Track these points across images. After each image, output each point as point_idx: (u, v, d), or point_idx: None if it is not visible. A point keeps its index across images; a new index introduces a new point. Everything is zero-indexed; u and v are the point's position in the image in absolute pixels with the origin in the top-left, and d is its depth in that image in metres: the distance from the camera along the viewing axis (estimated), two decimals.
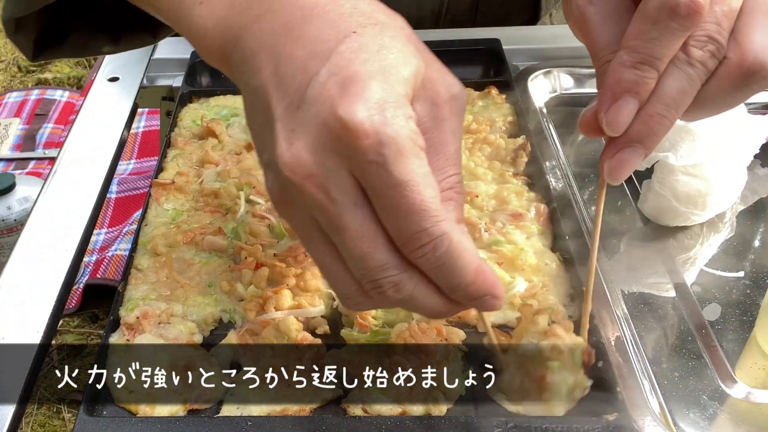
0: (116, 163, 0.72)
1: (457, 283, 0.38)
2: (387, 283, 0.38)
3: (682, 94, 0.41)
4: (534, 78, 0.82)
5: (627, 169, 0.42)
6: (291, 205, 0.39)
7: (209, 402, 0.49)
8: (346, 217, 0.37)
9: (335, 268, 0.40)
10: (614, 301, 0.55)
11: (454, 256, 0.37)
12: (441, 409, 0.48)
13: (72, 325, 1.38)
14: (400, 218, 0.36)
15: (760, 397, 0.50)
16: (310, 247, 0.40)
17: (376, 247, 0.37)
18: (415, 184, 0.36)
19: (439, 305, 0.40)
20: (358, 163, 0.36)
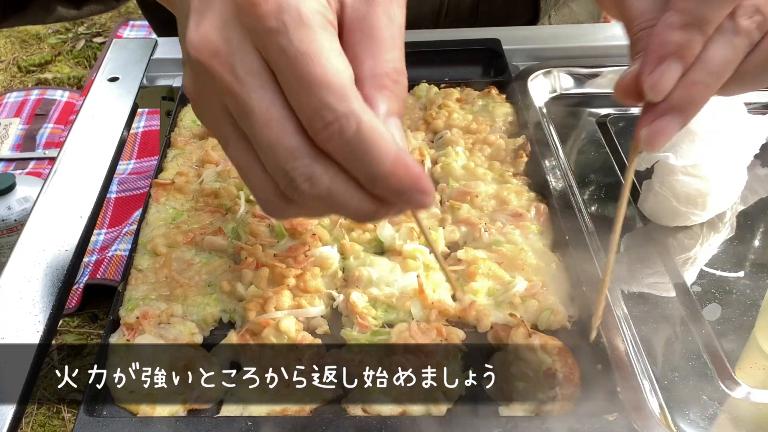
0: (116, 163, 0.72)
1: (374, 173, 0.35)
2: (299, 176, 0.36)
3: (725, 62, 0.40)
4: (534, 78, 0.82)
5: (665, 137, 0.41)
6: (204, 98, 0.38)
7: (209, 402, 0.49)
8: (253, 98, 0.35)
9: (252, 167, 0.38)
10: (614, 301, 0.55)
11: (366, 140, 0.34)
12: (441, 409, 0.48)
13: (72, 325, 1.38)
14: (302, 93, 0.34)
15: (760, 397, 0.50)
16: (228, 147, 0.39)
17: (284, 133, 0.36)
18: (318, 55, 0.34)
19: (364, 203, 0.37)
20: (259, 33, 0.35)
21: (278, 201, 0.38)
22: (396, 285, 0.56)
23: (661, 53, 0.40)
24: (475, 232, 0.60)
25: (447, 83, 0.80)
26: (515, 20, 1.00)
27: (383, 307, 0.55)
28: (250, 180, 0.39)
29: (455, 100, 0.77)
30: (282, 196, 0.38)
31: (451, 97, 0.77)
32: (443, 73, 0.82)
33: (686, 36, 0.39)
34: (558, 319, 0.53)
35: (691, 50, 0.39)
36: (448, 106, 0.75)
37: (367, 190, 0.37)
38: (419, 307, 0.54)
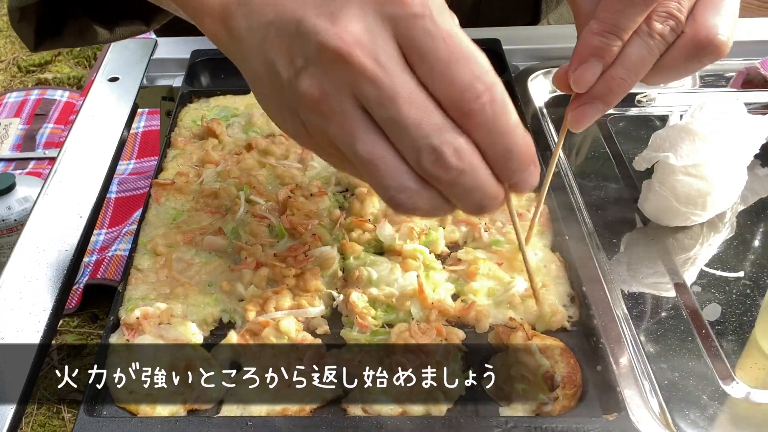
0: (116, 163, 0.72)
1: (511, 145, 0.38)
2: (448, 148, 0.38)
3: (642, 61, 0.47)
4: (534, 78, 0.82)
5: (587, 120, 0.49)
6: (334, 97, 0.39)
7: (209, 402, 0.49)
8: (397, 81, 0.37)
9: (387, 157, 0.39)
10: (614, 301, 0.55)
11: (509, 109, 0.38)
12: (441, 409, 0.48)
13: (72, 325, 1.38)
14: (451, 69, 0.37)
15: (760, 397, 0.50)
16: (357, 142, 0.39)
17: (431, 111, 0.38)
18: (462, 35, 0.38)
19: (493, 185, 0.39)
20: (404, 20, 0.37)
21: (414, 186, 0.39)
22: (396, 285, 0.56)
23: (583, 54, 0.47)
24: (475, 231, 0.61)
25: None
26: (516, 20, 1.00)
27: (383, 307, 0.55)
28: (383, 170, 0.39)
29: None
30: (419, 181, 0.39)
31: None
32: None
33: (605, 41, 0.46)
34: (557, 320, 0.53)
35: (610, 52, 0.47)
36: None
37: (496, 170, 0.39)
38: (419, 307, 0.54)
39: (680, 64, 0.48)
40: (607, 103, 0.48)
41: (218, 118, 0.75)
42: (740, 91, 0.82)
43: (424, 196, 0.40)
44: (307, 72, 0.39)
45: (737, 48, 0.84)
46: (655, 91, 0.81)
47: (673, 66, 0.48)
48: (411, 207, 0.41)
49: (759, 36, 0.87)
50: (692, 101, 0.67)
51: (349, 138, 0.39)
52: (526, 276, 0.56)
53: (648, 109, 0.81)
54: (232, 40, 0.44)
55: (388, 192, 0.40)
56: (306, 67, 0.39)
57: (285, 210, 0.62)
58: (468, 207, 0.41)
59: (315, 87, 0.39)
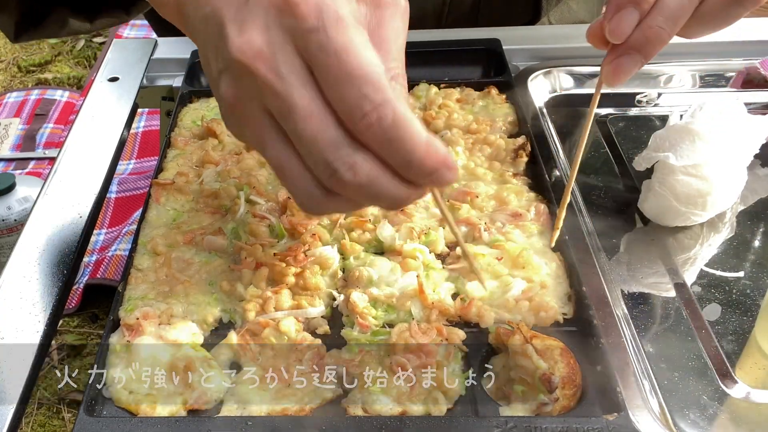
0: (116, 163, 0.72)
1: (409, 157, 0.38)
2: (342, 165, 0.38)
3: (680, 8, 0.45)
4: (534, 78, 0.82)
5: (625, 73, 0.47)
6: (245, 104, 0.40)
7: (209, 402, 0.49)
8: (295, 95, 0.38)
9: (292, 164, 0.40)
10: (614, 301, 0.55)
11: (401, 126, 0.37)
12: (441, 409, 0.48)
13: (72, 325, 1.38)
14: (341, 86, 0.37)
15: (760, 397, 0.50)
16: (266, 148, 0.41)
17: (326, 126, 0.38)
18: (355, 50, 0.37)
19: (399, 189, 0.39)
20: (300, 33, 0.37)
21: (319, 194, 0.40)
22: (396, 285, 0.56)
23: (619, 2, 0.46)
24: (475, 231, 0.60)
25: (447, 83, 0.80)
26: (516, 19, 1.00)
27: (383, 307, 0.55)
28: (289, 177, 0.41)
29: (455, 100, 0.77)
30: (323, 189, 0.40)
31: (451, 97, 0.77)
32: (443, 73, 0.82)
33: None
34: (549, 316, 0.53)
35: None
36: (448, 106, 0.75)
37: (401, 175, 0.39)
38: (419, 307, 0.54)
39: (720, 10, 0.46)
40: (645, 54, 0.46)
41: (218, 118, 0.75)
42: (740, 91, 0.82)
43: (330, 204, 0.41)
44: (224, 75, 0.41)
45: (737, 48, 0.85)
46: (655, 91, 0.81)
47: (713, 13, 0.46)
48: (318, 211, 0.42)
49: (759, 36, 0.87)
50: (692, 101, 0.68)
51: (260, 143, 0.41)
52: (526, 275, 0.56)
53: (648, 109, 0.81)
54: (186, 27, 0.46)
55: (296, 198, 0.42)
56: (223, 71, 0.41)
57: (285, 210, 0.62)
58: (381, 207, 0.42)
59: (231, 92, 0.41)
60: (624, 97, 0.81)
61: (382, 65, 0.38)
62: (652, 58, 0.46)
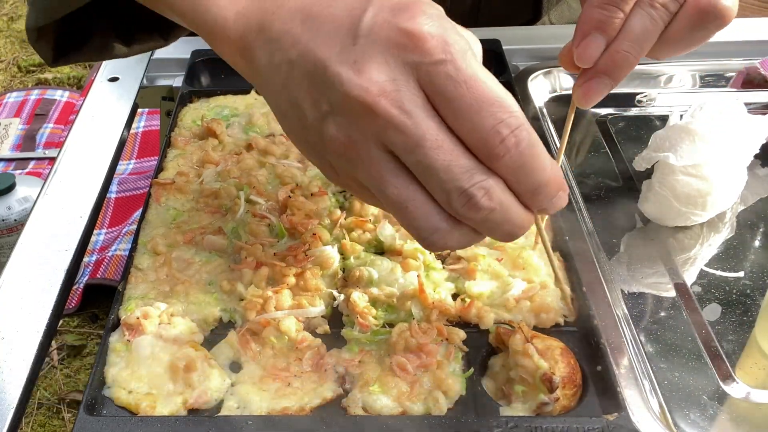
0: (116, 163, 0.72)
1: (539, 180, 0.39)
2: (478, 190, 0.38)
3: (645, 32, 0.46)
4: (534, 78, 0.82)
5: (594, 96, 0.48)
6: (361, 145, 0.39)
7: (209, 401, 0.49)
8: (423, 128, 0.38)
9: (418, 200, 0.39)
10: (614, 301, 0.55)
11: (535, 149, 0.38)
12: (441, 408, 0.48)
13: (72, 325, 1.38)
14: (474, 114, 0.37)
15: (760, 397, 0.50)
16: (386, 187, 0.40)
17: (458, 154, 0.38)
18: (485, 78, 0.38)
19: (523, 215, 0.40)
20: (426, 67, 0.38)
21: (445, 227, 0.40)
22: (396, 285, 0.56)
23: (585, 28, 0.46)
24: None
25: None
26: (516, 19, 1.00)
27: (384, 307, 0.55)
28: (414, 213, 0.40)
29: None
30: (449, 221, 0.40)
31: None
32: None
33: (606, 13, 0.45)
34: (551, 317, 0.53)
35: (612, 25, 0.46)
36: None
37: (524, 201, 0.40)
38: (420, 307, 0.54)
39: (686, 34, 0.46)
40: (613, 77, 0.47)
41: (218, 118, 0.75)
42: (740, 91, 0.82)
43: (455, 235, 0.41)
44: (332, 119, 0.40)
45: (737, 48, 0.85)
46: (655, 91, 0.81)
47: (678, 37, 0.46)
48: (443, 246, 0.42)
49: (759, 36, 0.87)
50: (692, 101, 0.68)
51: (378, 182, 0.40)
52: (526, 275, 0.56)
53: (648, 109, 0.81)
54: (253, 71, 0.44)
55: (420, 233, 0.41)
56: (331, 114, 0.40)
57: (285, 210, 0.62)
58: (498, 237, 0.41)
59: (341, 134, 0.39)
60: (624, 97, 0.81)
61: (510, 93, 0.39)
62: (622, 80, 0.47)
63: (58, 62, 0.62)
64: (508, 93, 0.38)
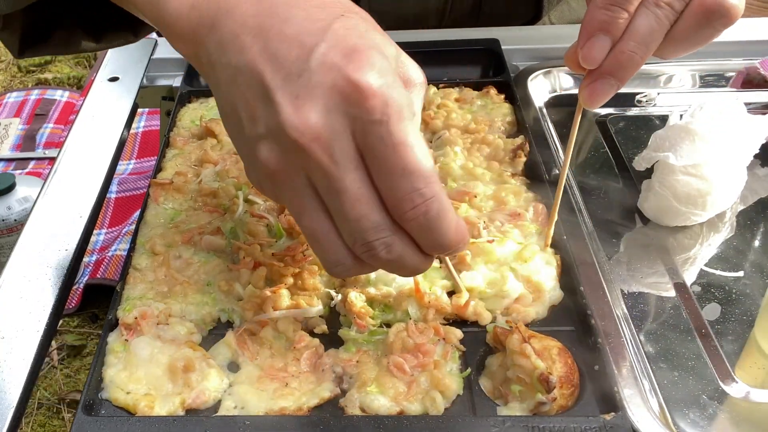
0: (116, 163, 0.72)
1: (440, 243, 0.42)
2: (380, 245, 0.41)
3: (651, 32, 0.45)
4: (534, 78, 0.82)
5: (600, 97, 0.48)
6: (288, 174, 0.41)
7: (207, 402, 0.49)
8: (347, 179, 0.39)
9: (328, 236, 0.42)
10: (614, 301, 0.55)
11: (442, 217, 0.40)
12: (438, 408, 0.48)
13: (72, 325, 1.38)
14: (395, 178, 0.39)
15: (759, 397, 0.50)
16: (303, 217, 0.42)
17: (371, 209, 0.40)
18: (412, 145, 0.39)
19: (419, 262, 0.43)
20: (362, 123, 0.39)
21: (349, 263, 0.43)
22: (393, 284, 0.56)
23: (589, 29, 0.46)
24: (474, 231, 0.60)
25: (446, 83, 0.80)
26: (517, 18, 1.00)
27: (381, 307, 0.55)
28: (322, 246, 0.43)
29: (454, 99, 0.77)
30: (353, 259, 0.43)
31: (449, 97, 0.77)
32: (442, 72, 0.82)
33: (610, 14, 0.45)
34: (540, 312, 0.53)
35: (617, 25, 0.45)
36: (447, 106, 0.75)
37: (425, 251, 0.43)
38: (416, 307, 0.54)
39: (692, 33, 0.46)
40: (619, 78, 0.47)
41: (217, 118, 0.75)
42: (740, 91, 0.82)
43: (356, 269, 0.44)
44: (266, 142, 0.41)
45: (737, 48, 0.85)
46: (655, 91, 0.81)
47: (684, 36, 0.46)
48: (345, 275, 0.46)
49: (759, 36, 0.87)
50: (692, 101, 0.67)
51: (297, 211, 0.43)
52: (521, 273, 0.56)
53: (648, 109, 0.81)
54: (202, 65, 0.45)
55: (325, 263, 0.44)
56: (266, 138, 0.41)
57: (283, 210, 0.62)
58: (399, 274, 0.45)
59: (272, 160, 0.41)
60: (624, 97, 0.81)
61: (431, 160, 0.40)
62: (628, 81, 0.47)
63: (24, 54, 0.63)
64: (431, 161, 0.40)
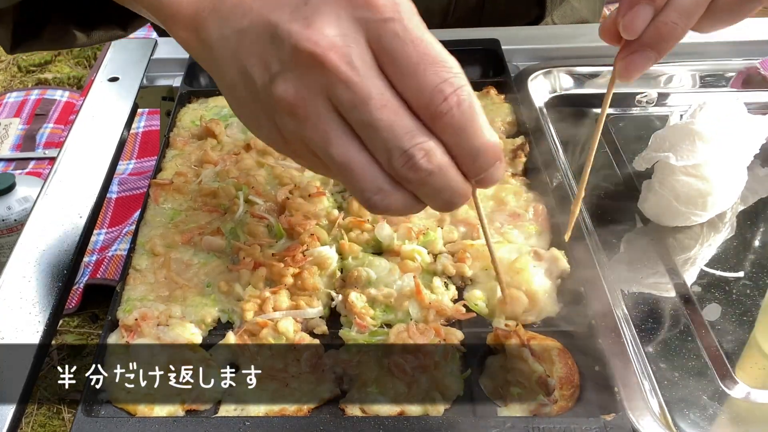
0: (116, 163, 0.72)
1: (478, 144, 0.39)
2: (419, 151, 0.39)
3: (695, 3, 0.44)
4: (534, 78, 0.82)
5: (638, 70, 0.46)
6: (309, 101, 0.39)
7: (207, 402, 0.49)
8: (370, 85, 0.38)
9: (360, 158, 0.40)
10: (614, 301, 0.55)
11: (476, 110, 0.39)
12: (439, 409, 0.48)
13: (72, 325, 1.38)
14: (420, 74, 0.38)
15: (760, 397, 0.50)
16: (331, 146, 0.40)
17: (401, 114, 0.39)
18: (431, 38, 0.38)
19: (461, 183, 0.40)
20: (375, 24, 0.38)
21: (388, 188, 0.40)
22: (394, 285, 0.56)
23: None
24: (474, 231, 0.60)
25: None
26: (521, 18, 1.00)
27: (381, 308, 0.55)
28: (357, 172, 0.40)
29: None
30: (391, 182, 0.40)
31: None
32: None
33: None
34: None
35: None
36: None
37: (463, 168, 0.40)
38: (417, 308, 0.54)
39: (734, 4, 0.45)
40: (659, 51, 0.46)
41: (217, 118, 0.75)
42: (740, 91, 0.82)
43: (396, 197, 0.41)
44: (282, 76, 0.40)
45: (737, 48, 0.85)
46: (655, 91, 0.81)
47: (727, 7, 0.45)
48: (384, 208, 0.42)
49: (759, 36, 0.87)
50: (692, 101, 0.67)
51: (324, 141, 0.40)
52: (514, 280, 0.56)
53: (648, 109, 0.81)
54: (204, 48, 0.44)
55: (363, 194, 0.41)
56: (281, 72, 0.40)
57: (283, 210, 0.62)
58: (437, 205, 0.42)
59: (290, 91, 0.40)
60: (624, 97, 0.81)
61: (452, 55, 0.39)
62: (666, 54, 0.46)
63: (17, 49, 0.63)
64: (452, 56, 0.39)
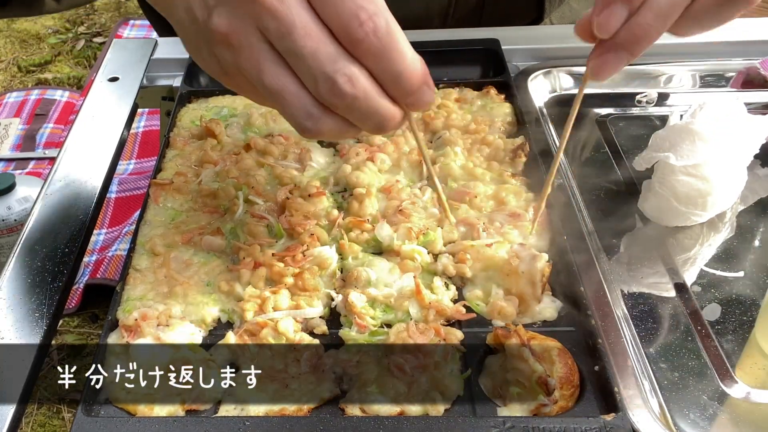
0: (116, 163, 0.72)
1: (399, 69, 0.41)
2: (341, 76, 0.41)
3: (671, 6, 0.44)
4: (534, 78, 0.82)
5: (610, 70, 0.46)
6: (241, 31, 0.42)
7: (207, 402, 0.49)
8: (294, 14, 0.40)
9: (290, 84, 0.42)
10: (614, 301, 0.55)
11: (394, 35, 0.40)
12: (438, 409, 0.48)
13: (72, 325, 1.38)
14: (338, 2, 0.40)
15: (760, 397, 0.50)
16: (264, 75, 0.42)
17: (324, 41, 0.41)
18: None
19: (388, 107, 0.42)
20: None
21: (317, 112, 0.43)
22: (394, 285, 0.56)
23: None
24: (474, 231, 0.60)
25: (446, 83, 0.80)
26: (520, 18, 1.00)
27: (381, 308, 0.55)
28: (287, 98, 0.43)
29: (454, 100, 0.77)
30: (320, 107, 0.43)
31: (449, 97, 0.77)
32: (442, 73, 0.82)
33: None
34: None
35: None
36: (447, 106, 0.75)
37: (389, 92, 0.42)
38: (417, 307, 0.54)
39: (712, 9, 0.44)
40: (632, 52, 0.45)
41: (217, 119, 0.75)
42: (740, 91, 0.82)
43: (327, 121, 0.43)
44: (216, 10, 0.42)
45: (737, 48, 0.85)
46: (655, 91, 0.81)
47: (704, 12, 0.44)
48: (317, 132, 0.44)
49: (759, 36, 0.87)
50: (692, 101, 0.67)
51: (256, 70, 0.43)
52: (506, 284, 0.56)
53: (648, 109, 0.81)
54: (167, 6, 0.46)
55: (295, 119, 0.44)
56: (216, 6, 0.42)
57: (283, 210, 0.62)
58: (369, 128, 0.44)
59: (224, 23, 0.42)
60: (624, 97, 0.81)
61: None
62: (639, 55, 0.45)
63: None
64: None
